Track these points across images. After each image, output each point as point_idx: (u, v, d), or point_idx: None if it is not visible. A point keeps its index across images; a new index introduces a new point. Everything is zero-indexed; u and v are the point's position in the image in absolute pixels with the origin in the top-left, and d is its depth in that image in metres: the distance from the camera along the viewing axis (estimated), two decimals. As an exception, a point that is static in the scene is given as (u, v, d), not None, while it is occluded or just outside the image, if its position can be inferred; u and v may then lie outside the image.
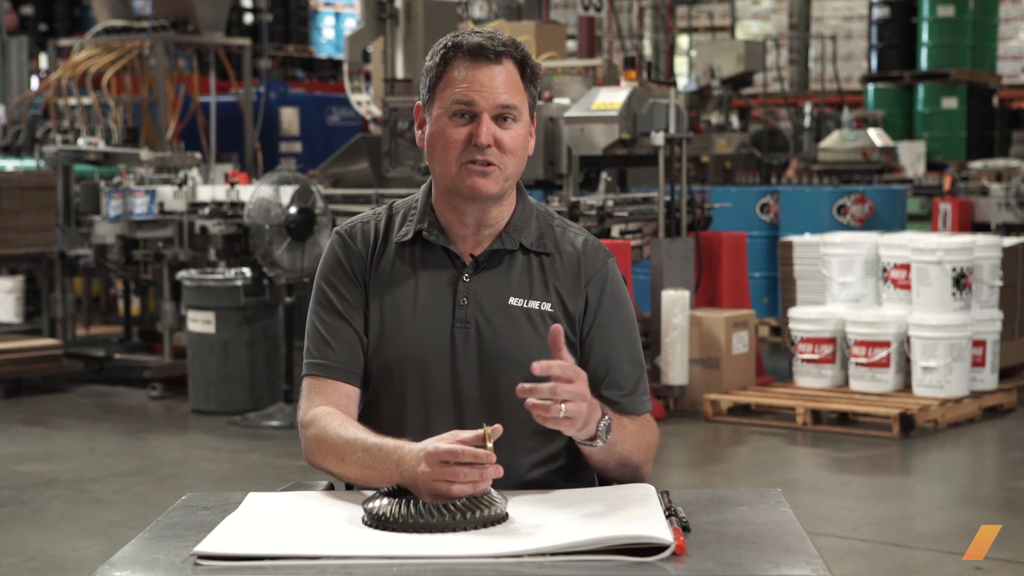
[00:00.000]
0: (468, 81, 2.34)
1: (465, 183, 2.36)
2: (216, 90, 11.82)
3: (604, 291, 2.44)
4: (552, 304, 2.41)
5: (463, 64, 2.35)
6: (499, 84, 2.34)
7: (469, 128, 2.34)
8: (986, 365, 7.80)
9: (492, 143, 2.34)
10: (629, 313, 2.49)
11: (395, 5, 9.29)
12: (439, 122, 2.37)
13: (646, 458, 2.43)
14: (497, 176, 2.36)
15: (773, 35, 17.23)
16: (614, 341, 2.43)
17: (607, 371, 2.43)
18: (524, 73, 2.38)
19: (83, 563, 5.07)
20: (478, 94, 2.33)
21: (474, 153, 2.34)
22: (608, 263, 2.47)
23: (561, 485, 2.40)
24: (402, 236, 2.45)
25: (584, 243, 2.47)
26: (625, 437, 2.36)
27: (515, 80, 2.37)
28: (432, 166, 2.42)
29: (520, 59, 2.38)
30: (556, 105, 8.32)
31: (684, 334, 7.73)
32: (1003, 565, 4.96)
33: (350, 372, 2.41)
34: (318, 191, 7.89)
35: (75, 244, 9.13)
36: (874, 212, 10.31)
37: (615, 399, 2.42)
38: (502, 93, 2.34)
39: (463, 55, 2.35)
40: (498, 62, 2.35)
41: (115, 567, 1.94)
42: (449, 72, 2.36)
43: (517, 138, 2.37)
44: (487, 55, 2.34)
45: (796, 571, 1.88)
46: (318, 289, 2.47)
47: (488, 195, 2.37)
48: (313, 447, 2.35)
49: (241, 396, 7.99)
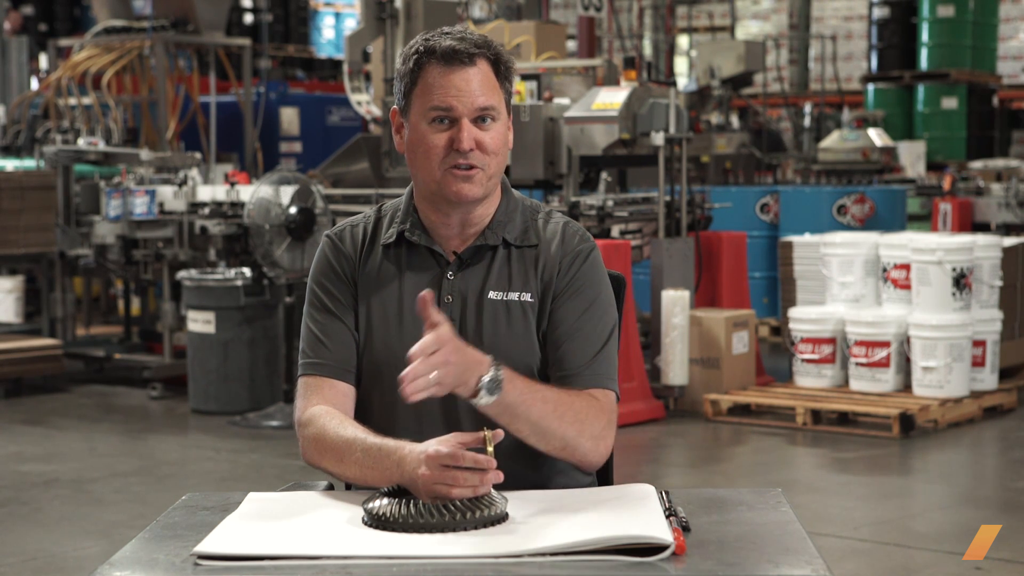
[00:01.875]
0: (444, 87, 2.34)
1: (450, 189, 2.36)
2: (216, 90, 11.82)
3: (573, 266, 2.43)
4: (532, 294, 2.42)
5: (437, 69, 2.34)
6: (475, 87, 2.34)
7: (449, 133, 2.35)
8: (986, 365, 7.80)
9: (474, 147, 2.34)
10: (600, 296, 2.45)
11: (395, 5, 9.29)
12: (418, 128, 2.37)
13: (577, 430, 2.32)
14: (480, 178, 2.37)
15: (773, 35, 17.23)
16: (576, 314, 2.41)
17: (564, 340, 2.41)
18: (498, 71, 2.38)
19: (83, 563, 5.07)
20: (455, 99, 2.33)
21: (456, 158, 2.34)
22: (584, 246, 2.45)
23: (559, 484, 2.41)
24: (387, 238, 2.47)
25: (564, 227, 2.47)
26: (535, 400, 2.27)
27: (490, 80, 2.37)
28: (414, 172, 2.42)
29: (493, 58, 2.38)
30: (556, 105, 8.31)
31: (684, 334, 7.73)
32: (1003, 565, 4.96)
33: (345, 370, 2.43)
34: (318, 191, 7.89)
35: (75, 244, 9.13)
36: (874, 212, 10.31)
37: (568, 366, 2.40)
38: (479, 95, 2.34)
39: (436, 60, 2.35)
40: (472, 64, 2.35)
41: (115, 567, 1.94)
42: (424, 78, 2.36)
43: (498, 137, 2.38)
44: (460, 58, 2.34)
45: (796, 571, 1.88)
46: (311, 292, 2.49)
47: (473, 199, 2.38)
48: (311, 446, 2.35)
49: (241, 396, 7.99)
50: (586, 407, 2.35)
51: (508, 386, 2.23)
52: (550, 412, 2.29)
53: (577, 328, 2.41)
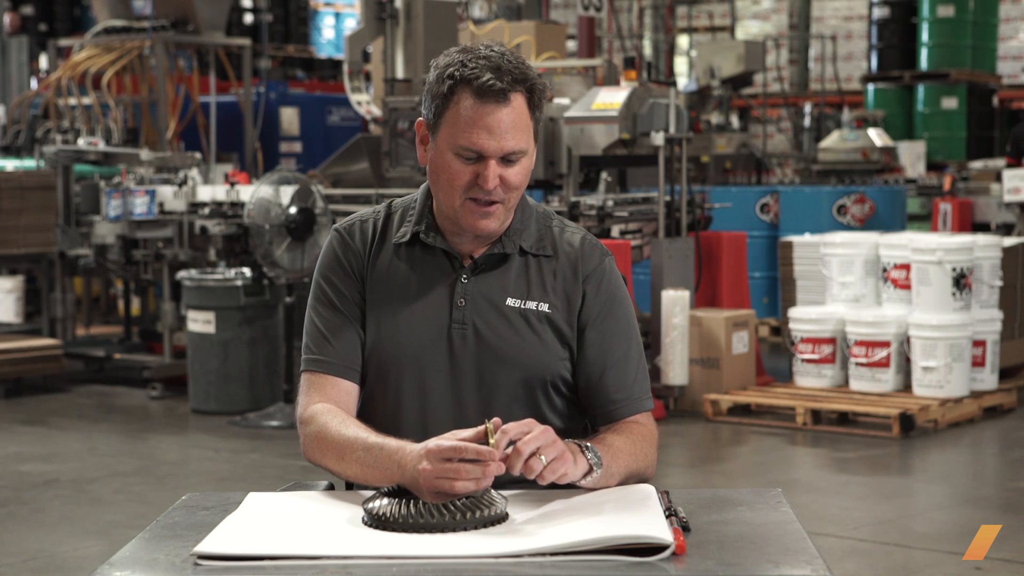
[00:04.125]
0: (475, 126, 2.28)
1: (467, 221, 2.35)
2: (216, 90, 11.82)
3: (601, 289, 2.44)
4: (549, 305, 2.41)
5: (470, 101, 2.29)
6: (506, 128, 2.29)
7: (475, 168, 2.32)
8: (986, 365, 7.80)
9: (498, 184, 2.32)
10: (627, 311, 2.48)
11: (395, 5, 9.29)
12: (444, 155, 2.34)
13: (647, 463, 2.39)
14: (500, 213, 2.36)
15: (773, 35, 17.23)
16: (610, 340, 2.42)
17: (603, 371, 2.42)
18: (531, 102, 2.33)
19: (83, 563, 5.07)
20: (485, 142, 2.29)
21: (478, 192, 2.32)
22: (605, 261, 2.46)
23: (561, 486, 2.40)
24: (400, 237, 2.44)
25: (582, 241, 2.46)
26: (617, 456, 2.30)
27: (523, 117, 2.32)
28: (435, 192, 2.40)
29: (528, 90, 2.32)
30: (556, 105, 8.31)
31: (684, 334, 7.73)
32: (1003, 565, 4.96)
33: (349, 368, 2.41)
34: (318, 191, 7.89)
35: (75, 244, 9.13)
36: (874, 212, 10.31)
37: (611, 398, 2.42)
38: (509, 139, 2.30)
39: (471, 92, 2.29)
40: (506, 102, 2.29)
41: (115, 567, 1.94)
42: (455, 105, 2.30)
43: (522, 172, 2.35)
44: (496, 96, 2.28)
45: (796, 571, 1.88)
46: (316, 286, 2.46)
47: (491, 233, 2.37)
48: (312, 444, 2.34)
49: (241, 396, 7.99)
50: (643, 439, 2.40)
51: (600, 450, 2.26)
52: (629, 461, 2.33)
53: (612, 354, 2.41)
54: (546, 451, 2.11)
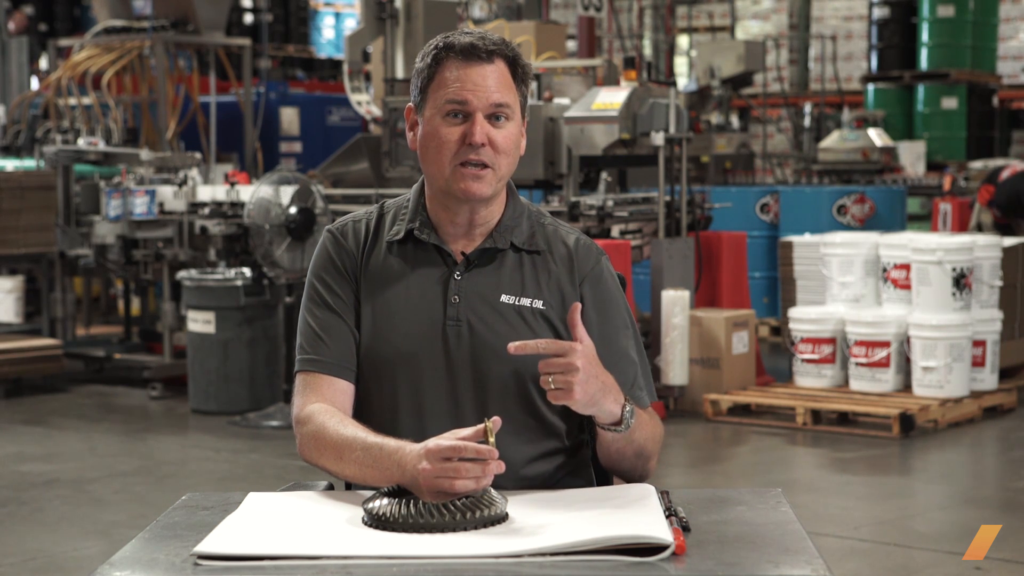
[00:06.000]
0: (461, 80, 2.35)
1: (459, 186, 2.36)
2: (216, 90, 11.82)
3: (598, 290, 2.45)
4: (544, 302, 2.41)
5: (455, 64, 2.36)
6: (492, 83, 2.35)
7: (463, 128, 2.35)
8: (986, 365, 7.80)
9: (486, 142, 2.34)
10: (624, 311, 2.48)
11: (395, 5, 9.29)
12: (432, 122, 2.38)
13: (656, 449, 2.43)
14: (491, 178, 2.37)
15: (773, 35, 17.22)
16: (609, 340, 2.43)
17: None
18: (515, 72, 2.39)
19: (83, 563, 5.07)
20: (471, 93, 2.34)
21: (468, 153, 2.35)
22: (601, 261, 2.47)
23: (559, 482, 2.40)
24: (393, 235, 2.45)
25: (576, 242, 2.47)
26: (642, 424, 2.36)
27: (507, 79, 2.38)
28: (425, 167, 2.42)
29: (511, 58, 2.39)
30: (556, 105, 8.31)
31: (684, 334, 7.73)
32: (1003, 565, 4.96)
33: (344, 367, 2.41)
34: (318, 191, 7.89)
35: (75, 244, 9.13)
36: (874, 212, 10.31)
37: None
38: (495, 92, 2.35)
39: (455, 55, 2.36)
40: (490, 61, 2.36)
41: (115, 567, 1.93)
42: (441, 72, 2.37)
43: (510, 137, 2.38)
44: (479, 54, 2.35)
45: (796, 571, 1.88)
46: (310, 286, 2.47)
47: (482, 197, 2.38)
48: (310, 444, 2.34)
49: (241, 396, 7.99)
50: (659, 427, 2.46)
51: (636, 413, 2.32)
52: (648, 435, 2.39)
53: (613, 353, 2.41)
54: (559, 377, 2.17)
